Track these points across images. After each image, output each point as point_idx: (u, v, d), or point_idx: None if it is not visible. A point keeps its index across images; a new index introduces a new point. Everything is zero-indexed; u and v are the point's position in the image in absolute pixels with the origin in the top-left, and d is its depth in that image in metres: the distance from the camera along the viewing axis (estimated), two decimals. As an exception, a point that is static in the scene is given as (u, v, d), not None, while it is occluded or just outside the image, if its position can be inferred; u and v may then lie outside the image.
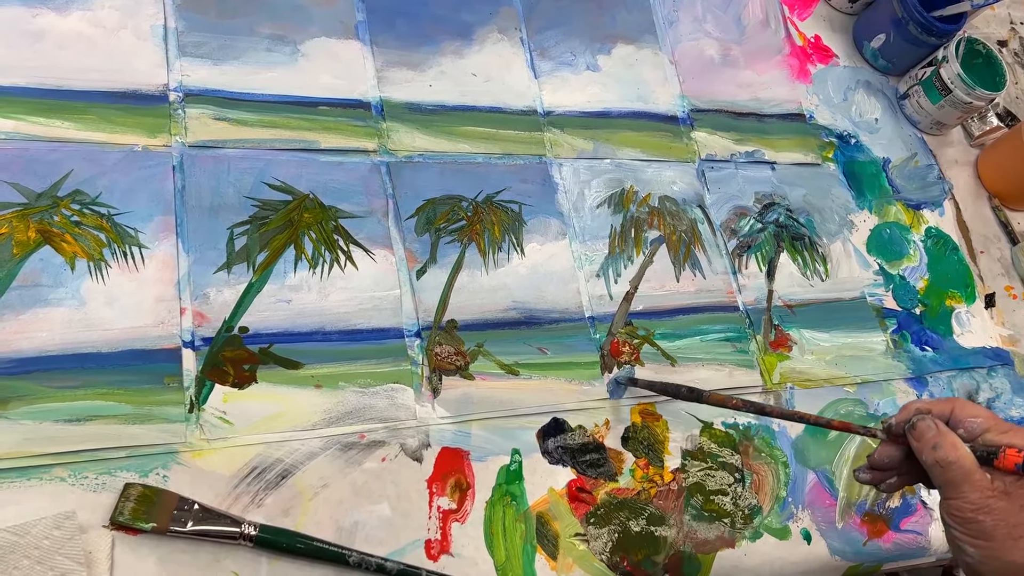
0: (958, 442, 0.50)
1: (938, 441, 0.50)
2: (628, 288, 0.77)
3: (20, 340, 0.57)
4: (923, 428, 0.51)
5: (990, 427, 0.50)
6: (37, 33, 0.66)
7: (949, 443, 0.50)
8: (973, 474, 0.48)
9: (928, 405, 0.53)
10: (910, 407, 0.53)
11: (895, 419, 0.54)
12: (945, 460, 0.49)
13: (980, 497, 0.48)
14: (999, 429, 0.50)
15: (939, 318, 0.92)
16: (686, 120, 0.89)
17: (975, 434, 0.51)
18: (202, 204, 0.65)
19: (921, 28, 0.97)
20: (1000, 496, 0.48)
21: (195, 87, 0.69)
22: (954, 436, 0.50)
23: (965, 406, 0.52)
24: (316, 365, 0.64)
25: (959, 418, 0.51)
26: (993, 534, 0.48)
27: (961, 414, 0.52)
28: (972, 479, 0.48)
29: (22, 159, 0.62)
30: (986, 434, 0.50)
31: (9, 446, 0.54)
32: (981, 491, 0.48)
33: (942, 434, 0.50)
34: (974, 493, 0.48)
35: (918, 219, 0.97)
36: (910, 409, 0.53)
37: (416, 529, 0.62)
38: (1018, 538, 0.48)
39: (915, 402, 0.54)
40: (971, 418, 0.51)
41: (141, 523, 0.54)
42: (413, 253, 0.71)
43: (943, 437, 0.50)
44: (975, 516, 0.48)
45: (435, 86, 0.78)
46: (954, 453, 0.49)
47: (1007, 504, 0.48)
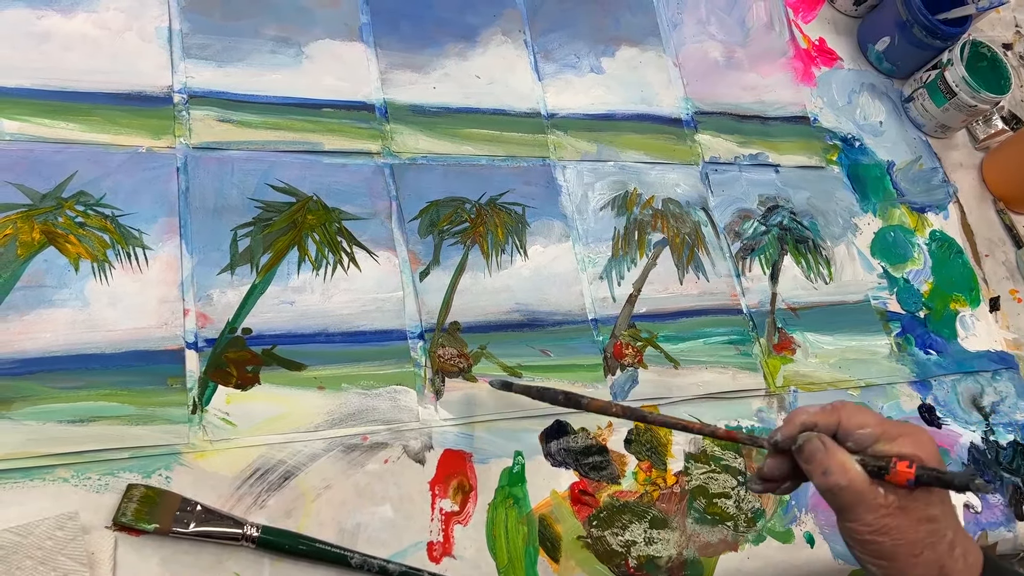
0: (848, 462, 0.47)
1: (827, 465, 0.47)
2: (631, 290, 0.77)
3: (24, 341, 0.57)
4: (811, 451, 0.48)
5: (880, 436, 0.48)
6: (42, 35, 0.66)
7: (838, 466, 0.47)
8: (866, 495, 0.46)
9: (814, 417, 0.49)
10: (795, 419, 0.50)
11: (781, 434, 0.50)
12: (836, 486, 0.47)
13: (876, 518, 0.46)
14: (889, 437, 0.47)
15: (943, 321, 0.91)
16: (690, 123, 0.89)
17: (864, 446, 0.48)
18: (206, 205, 0.66)
19: (926, 31, 0.97)
20: (896, 513, 0.46)
21: (199, 89, 0.69)
22: (843, 456, 0.47)
23: (852, 415, 0.49)
24: (319, 367, 0.64)
25: (847, 430, 0.48)
26: (894, 554, 0.47)
27: (848, 425, 0.48)
28: (865, 501, 0.46)
29: (27, 160, 0.62)
30: (876, 444, 0.47)
31: (12, 446, 0.54)
32: (876, 511, 0.46)
33: (831, 456, 0.47)
34: (869, 515, 0.46)
35: (922, 222, 0.97)
36: (795, 423, 0.49)
37: (418, 531, 0.62)
38: (918, 555, 0.47)
39: (800, 412, 0.50)
40: (859, 429, 0.48)
41: (144, 524, 0.54)
42: (416, 255, 0.71)
43: (832, 460, 0.47)
44: (873, 538, 0.47)
45: (439, 88, 0.78)
46: (844, 477, 0.46)
47: (904, 520, 0.46)
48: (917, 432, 0.48)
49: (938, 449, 0.48)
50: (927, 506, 0.47)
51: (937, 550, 0.47)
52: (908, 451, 0.47)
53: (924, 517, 0.47)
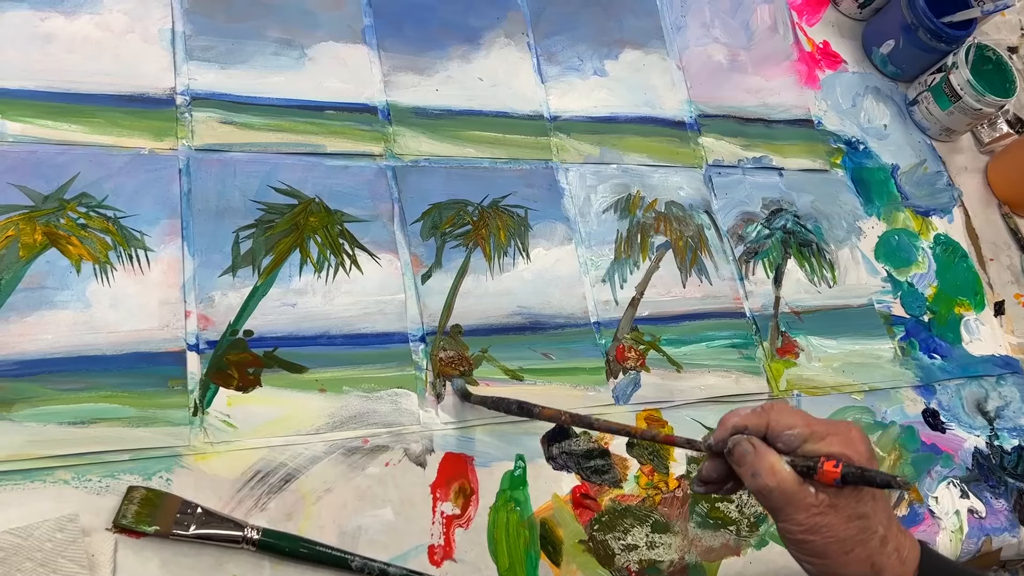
0: (777, 464, 0.47)
1: (756, 468, 0.47)
2: (634, 294, 0.77)
3: (25, 342, 0.57)
4: (740, 454, 0.48)
5: (808, 436, 0.48)
6: (45, 36, 0.66)
7: (767, 469, 0.47)
8: (796, 496, 0.47)
9: (744, 420, 0.49)
10: (727, 423, 0.50)
11: (714, 438, 0.51)
12: (766, 488, 0.47)
13: (807, 517, 0.47)
14: (817, 437, 0.48)
15: (948, 325, 0.91)
16: (693, 125, 0.89)
17: (794, 447, 0.48)
18: (208, 207, 0.65)
19: (931, 34, 0.96)
20: (827, 511, 0.47)
21: (202, 91, 0.69)
22: (772, 458, 0.48)
23: (781, 416, 0.49)
24: (320, 369, 0.64)
25: (775, 432, 0.48)
26: (826, 552, 0.47)
27: (777, 427, 0.48)
28: (796, 501, 0.47)
29: (30, 162, 0.62)
30: (805, 444, 0.48)
31: (13, 448, 0.54)
32: (807, 511, 0.47)
33: (760, 458, 0.48)
34: (800, 514, 0.47)
35: (927, 226, 0.97)
36: (727, 426, 0.50)
37: (419, 534, 0.62)
38: (849, 551, 0.47)
39: (732, 415, 0.50)
40: (787, 431, 0.48)
41: (144, 526, 0.54)
42: (418, 257, 0.71)
43: (761, 462, 0.47)
44: (805, 536, 0.47)
45: (442, 90, 0.78)
46: (773, 479, 0.47)
47: (835, 518, 0.47)
48: (846, 430, 0.49)
49: (870, 446, 0.49)
50: (857, 504, 0.47)
51: (868, 546, 0.48)
52: (836, 450, 0.47)
53: (854, 515, 0.47)
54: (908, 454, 0.80)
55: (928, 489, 0.80)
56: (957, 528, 0.79)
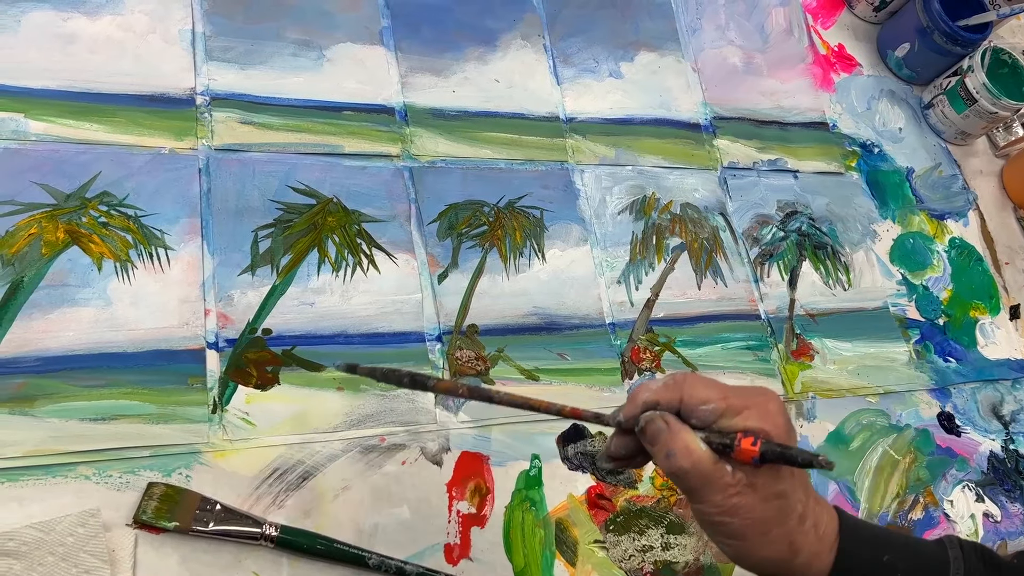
0: (692, 442, 0.44)
1: (670, 448, 0.44)
2: (649, 295, 0.77)
3: (48, 339, 0.57)
4: (653, 432, 0.45)
5: (724, 410, 0.44)
6: (68, 37, 0.67)
7: (682, 448, 0.44)
8: (712, 476, 0.44)
9: (655, 394, 0.45)
10: (637, 398, 0.46)
11: (623, 414, 0.47)
12: (680, 469, 0.44)
13: (724, 498, 0.44)
14: (733, 411, 0.44)
15: (963, 329, 0.91)
16: (708, 128, 0.89)
17: (708, 422, 0.44)
18: (227, 207, 0.66)
19: (946, 37, 0.96)
20: (745, 491, 0.44)
21: (222, 91, 0.70)
22: (687, 436, 0.44)
23: (695, 389, 0.45)
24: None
25: (689, 408, 0.45)
26: (744, 533, 0.45)
27: (691, 401, 0.45)
28: (712, 482, 0.44)
29: (52, 160, 0.63)
30: (721, 420, 0.44)
31: (36, 443, 0.54)
32: (724, 491, 0.44)
33: (674, 436, 0.44)
34: (716, 495, 0.44)
35: (942, 229, 0.96)
36: (637, 401, 0.46)
37: (435, 533, 0.62)
38: (767, 532, 0.45)
39: (642, 389, 0.46)
40: (702, 405, 0.44)
41: (164, 522, 0.54)
42: (435, 258, 0.71)
43: (675, 441, 0.44)
44: (722, 519, 0.44)
45: (458, 92, 0.79)
46: (688, 460, 0.43)
47: (752, 499, 0.44)
48: (764, 402, 0.45)
49: (788, 418, 0.46)
50: (776, 482, 0.45)
51: (786, 526, 0.45)
52: (753, 425, 0.44)
53: (773, 493, 0.45)
54: (923, 457, 0.80)
55: (943, 493, 0.79)
56: (972, 532, 0.79)
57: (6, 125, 0.62)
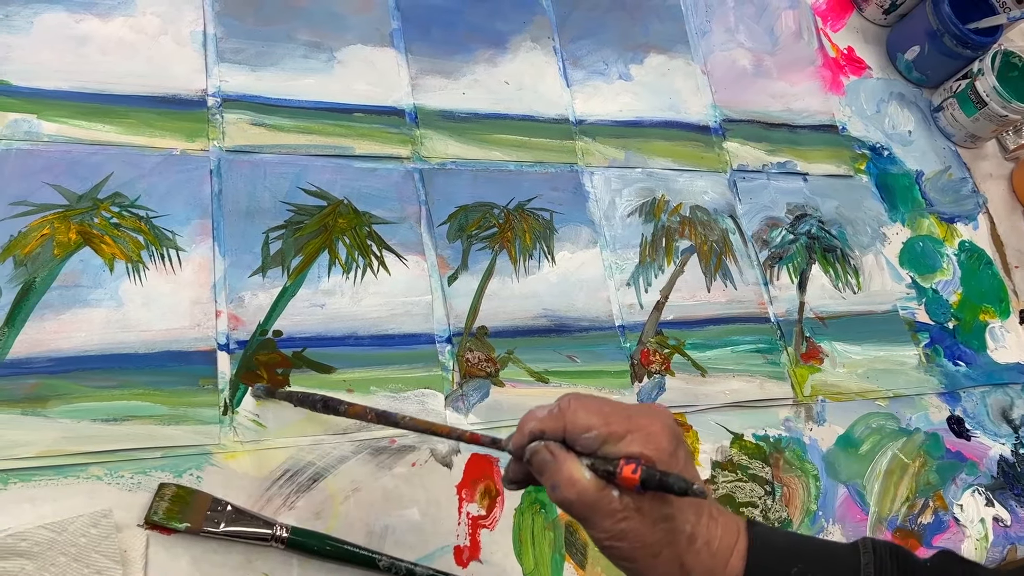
0: (576, 473, 0.44)
1: (555, 479, 0.45)
2: (659, 297, 0.77)
3: (60, 340, 0.57)
4: (539, 463, 0.46)
5: (607, 437, 0.44)
6: (80, 38, 0.67)
7: (566, 480, 0.44)
8: (598, 504, 0.44)
9: (541, 424, 0.46)
10: (524, 427, 0.47)
11: (512, 443, 0.47)
12: (566, 500, 0.44)
13: (612, 523, 0.44)
14: (616, 437, 0.44)
15: (972, 333, 0.91)
16: (718, 130, 0.89)
17: (592, 449, 0.45)
18: (238, 208, 0.66)
19: (956, 40, 0.96)
20: (632, 515, 0.44)
21: (233, 93, 0.70)
22: (571, 466, 0.44)
23: (577, 416, 0.45)
24: (348, 369, 0.64)
25: (573, 436, 0.45)
26: (634, 556, 0.45)
27: (574, 429, 0.45)
28: (599, 509, 0.44)
29: (64, 161, 0.63)
30: (604, 446, 0.44)
31: (48, 444, 0.54)
32: (611, 517, 0.44)
33: (559, 467, 0.45)
34: (606, 521, 0.44)
35: (951, 232, 0.96)
36: (524, 431, 0.47)
37: (445, 535, 0.62)
38: (657, 554, 0.45)
39: (530, 418, 0.47)
40: (584, 433, 0.45)
41: (175, 523, 0.54)
42: (445, 259, 0.71)
43: (559, 473, 0.44)
44: (612, 543, 0.45)
45: (468, 94, 0.79)
46: (572, 491, 0.44)
47: (640, 523, 0.45)
48: (647, 424, 0.45)
49: (673, 438, 0.46)
50: (662, 505, 0.45)
51: (676, 547, 0.46)
52: (635, 450, 0.44)
53: (660, 517, 0.45)
54: (933, 461, 0.80)
55: (953, 497, 0.79)
56: (982, 536, 0.79)
57: (19, 126, 0.63)
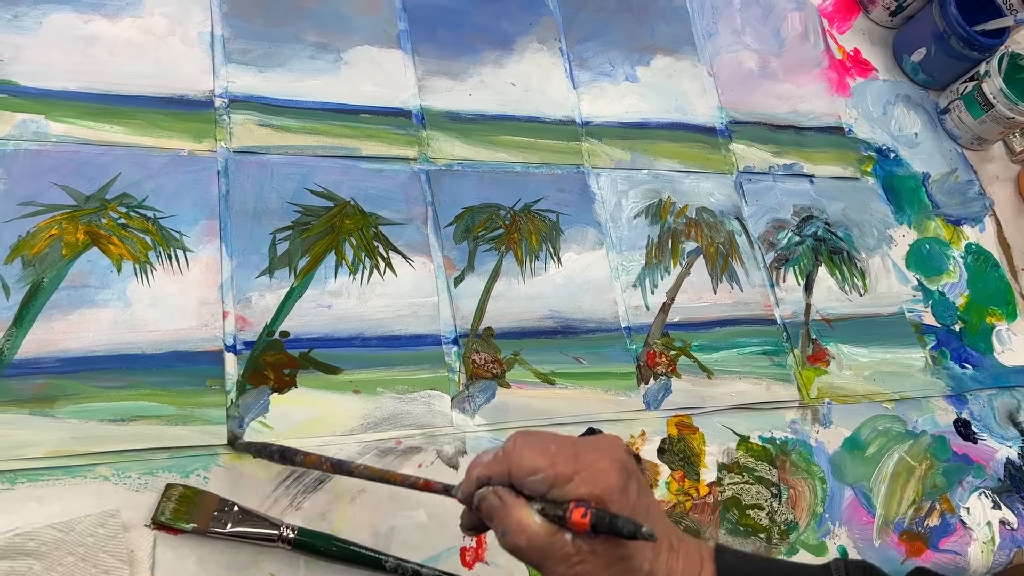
0: (524, 518, 0.43)
1: (504, 526, 0.44)
2: (665, 299, 0.77)
3: (68, 340, 0.58)
4: (487, 510, 0.45)
5: (553, 480, 0.43)
6: (88, 39, 0.67)
7: (515, 526, 0.43)
8: (550, 549, 0.43)
9: (487, 469, 0.45)
10: (471, 472, 0.46)
11: (461, 489, 0.47)
12: (516, 547, 0.44)
13: (567, 568, 0.44)
14: (563, 479, 0.43)
15: (979, 335, 0.90)
16: (724, 132, 0.89)
17: (540, 493, 0.44)
18: (246, 209, 0.66)
19: (963, 42, 0.96)
20: (587, 558, 0.44)
21: (240, 93, 0.70)
22: (519, 512, 0.44)
23: (522, 459, 0.44)
24: (355, 370, 0.64)
25: (519, 480, 0.44)
26: None
27: (519, 473, 0.44)
28: (551, 554, 0.43)
29: (72, 162, 0.63)
30: (552, 489, 0.44)
31: (56, 444, 0.55)
32: (566, 561, 0.44)
33: (507, 514, 0.44)
34: (559, 566, 0.44)
35: (958, 235, 0.96)
36: (471, 477, 0.46)
37: (451, 536, 0.62)
38: None
39: (476, 463, 0.46)
40: (530, 476, 0.44)
41: (182, 523, 0.54)
42: (451, 261, 0.71)
43: (508, 520, 0.44)
44: None
45: (475, 95, 0.79)
46: (523, 537, 0.43)
47: (595, 567, 0.44)
48: (594, 461, 0.44)
49: (622, 474, 0.45)
50: (617, 546, 0.44)
51: None
52: (584, 491, 0.43)
53: (615, 557, 0.44)
54: (939, 464, 0.80)
55: (960, 500, 0.79)
56: (989, 539, 0.78)
57: (27, 126, 0.63)
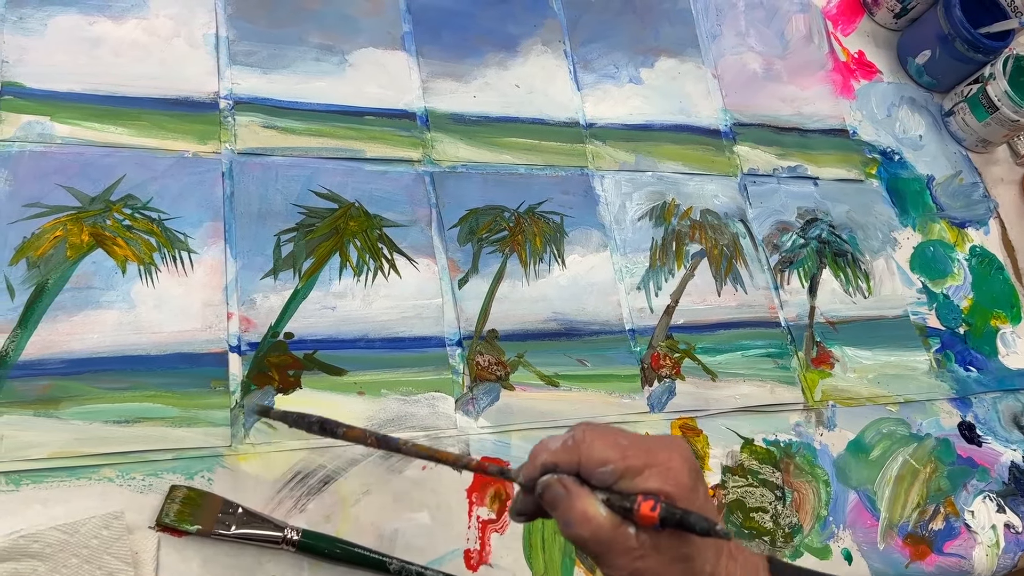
0: (590, 509, 0.43)
1: (568, 516, 0.43)
2: (669, 301, 0.77)
3: (72, 341, 0.58)
4: (551, 498, 0.44)
5: (623, 472, 0.43)
6: (94, 40, 0.67)
7: (579, 516, 0.43)
8: (614, 541, 0.42)
9: (554, 456, 0.44)
10: (536, 458, 0.45)
11: (523, 473, 0.46)
12: (579, 538, 0.43)
13: (628, 562, 0.43)
14: (633, 472, 0.43)
15: (984, 338, 0.90)
16: (728, 134, 0.88)
17: (608, 484, 0.43)
18: (250, 210, 0.66)
19: (968, 45, 0.96)
20: (649, 553, 0.43)
21: (245, 95, 0.70)
22: (585, 502, 0.43)
23: (593, 450, 0.43)
24: (359, 372, 0.64)
25: (588, 471, 0.43)
26: None
27: (589, 463, 0.43)
28: (614, 547, 0.43)
29: (77, 163, 0.63)
30: (621, 481, 0.43)
31: (60, 445, 0.55)
32: (627, 555, 0.43)
33: (572, 503, 0.43)
34: (620, 559, 0.43)
35: (962, 237, 0.96)
36: (536, 463, 0.45)
37: (456, 539, 0.62)
38: None
39: (542, 449, 0.45)
40: (600, 467, 0.43)
41: (186, 525, 0.54)
42: (455, 262, 0.71)
43: (572, 509, 0.43)
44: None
45: (479, 97, 0.79)
46: (587, 528, 0.42)
47: (657, 562, 0.43)
48: (666, 459, 0.44)
49: (693, 473, 0.44)
50: (680, 544, 0.43)
51: None
52: (654, 486, 0.42)
53: (678, 556, 0.43)
54: (944, 467, 0.80)
55: (964, 503, 0.79)
56: (993, 543, 0.78)
57: (32, 128, 0.63)
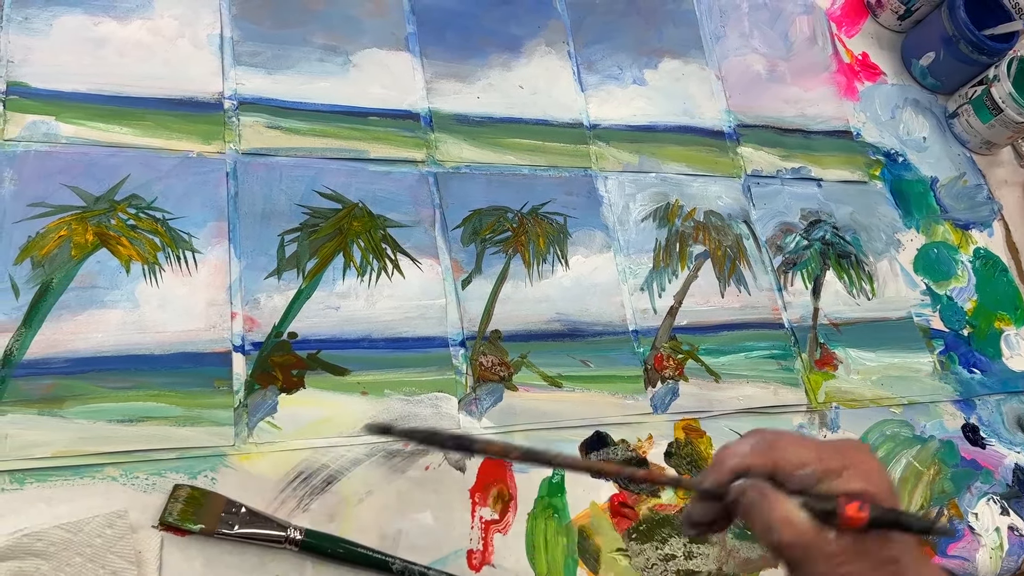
0: (793, 514, 0.41)
1: (770, 522, 0.41)
2: (672, 302, 0.77)
3: (76, 340, 0.58)
4: (748, 504, 0.42)
5: (823, 474, 0.41)
6: (98, 41, 0.68)
7: (782, 521, 0.41)
8: (816, 546, 0.40)
9: (746, 460, 0.42)
10: (724, 464, 0.43)
11: (709, 480, 0.43)
12: (783, 543, 0.41)
13: (830, 568, 0.41)
14: (833, 473, 0.41)
15: (987, 340, 0.90)
16: (732, 135, 0.88)
17: (806, 487, 0.41)
18: (254, 210, 0.66)
19: (972, 46, 0.96)
20: (853, 558, 0.41)
21: (249, 95, 0.70)
22: (785, 507, 0.41)
23: (788, 453, 0.42)
24: (362, 372, 0.64)
25: (786, 473, 0.42)
26: None
27: (786, 467, 0.42)
28: (816, 553, 0.41)
29: (82, 163, 0.63)
30: (820, 484, 0.41)
31: (64, 444, 0.55)
32: (829, 561, 0.41)
33: (772, 509, 0.41)
34: (821, 566, 0.41)
35: (966, 239, 0.96)
36: (724, 468, 0.43)
37: (458, 539, 0.62)
38: None
39: (729, 454, 0.43)
40: (799, 470, 0.41)
41: (189, 524, 0.54)
42: (459, 263, 0.71)
43: (774, 514, 0.41)
44: None
45: (483, 98, 0.79)
46: (790, 533, 0.40)
47: (862, 567, 0.41)
48: (864, 460, 0.43)
49: (889, 477, 0.43)
50: (886, 546, 0.41)
51: None
52: (856, 487, 0.41)
53: (883, 559, 0.41)
54: (947, 469, 0.80)
55: (968, 505, 0.79)
56: (997, 545, 0.78)
57: (37, 128, 0.63)
